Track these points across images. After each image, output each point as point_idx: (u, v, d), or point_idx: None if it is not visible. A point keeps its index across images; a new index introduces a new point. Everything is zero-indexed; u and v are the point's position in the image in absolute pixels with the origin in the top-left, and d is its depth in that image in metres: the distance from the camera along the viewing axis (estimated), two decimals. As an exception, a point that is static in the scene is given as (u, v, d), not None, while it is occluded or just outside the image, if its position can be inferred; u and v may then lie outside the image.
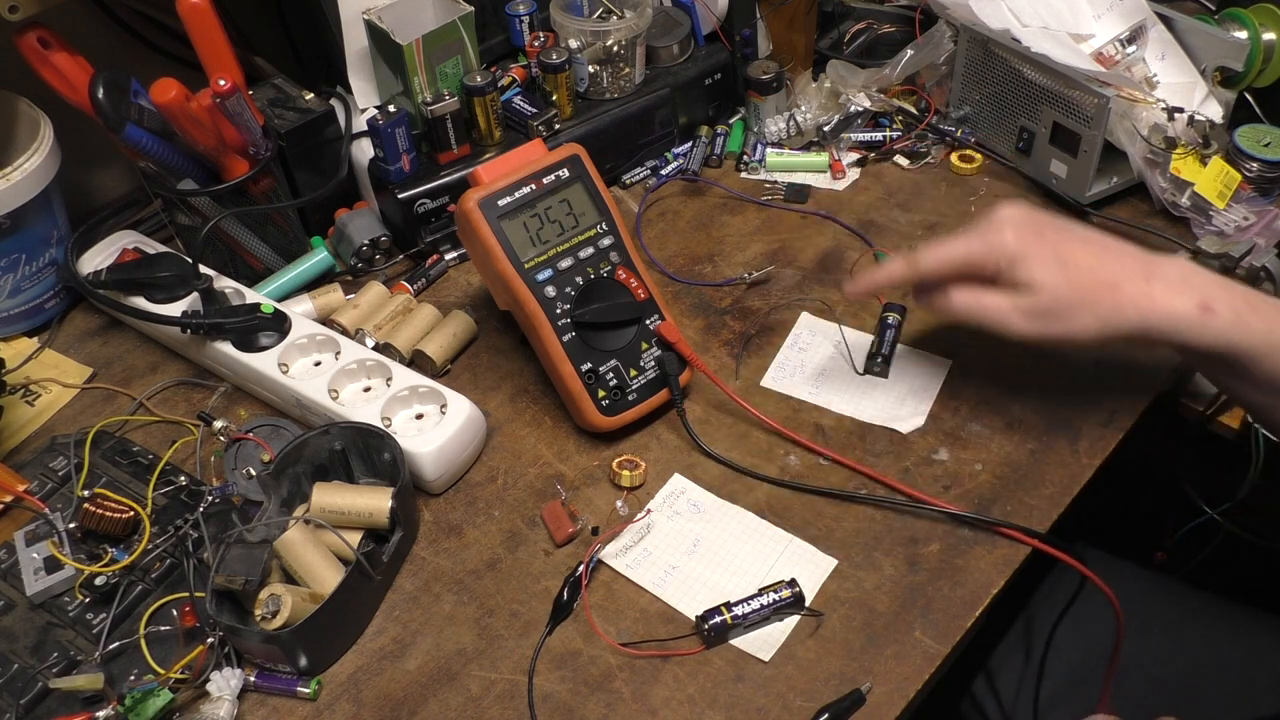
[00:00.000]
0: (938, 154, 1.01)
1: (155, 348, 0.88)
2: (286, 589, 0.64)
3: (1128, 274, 0.66)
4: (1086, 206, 0.93)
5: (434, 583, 0.70)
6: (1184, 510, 0.91)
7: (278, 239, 0.92)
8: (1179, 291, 0.65)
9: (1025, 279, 0.67)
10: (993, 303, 0.69)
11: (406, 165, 0.89)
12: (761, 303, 0.88)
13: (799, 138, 1.03)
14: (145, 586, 0.69)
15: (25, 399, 0.85)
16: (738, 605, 0.65)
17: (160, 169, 0.86)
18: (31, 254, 0.87)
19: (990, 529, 0.70)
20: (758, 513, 0.73)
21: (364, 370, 0.79)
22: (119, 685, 0.64)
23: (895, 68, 1.01)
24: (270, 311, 0.81)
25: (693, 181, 1.01)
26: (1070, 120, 0.90)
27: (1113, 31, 0.96)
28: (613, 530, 0.71)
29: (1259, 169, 0.90)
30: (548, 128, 0.93)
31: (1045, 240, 0.67)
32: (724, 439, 0.78)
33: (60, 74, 0.82)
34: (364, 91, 0.94)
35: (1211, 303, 0.65)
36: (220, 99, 0.79)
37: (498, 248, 0.75)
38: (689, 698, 0.63)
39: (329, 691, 0.65)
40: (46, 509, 0.72)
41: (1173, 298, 0.65)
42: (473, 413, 0.76)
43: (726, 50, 1.03)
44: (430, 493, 0.75)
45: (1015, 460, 0.74)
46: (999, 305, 0.69)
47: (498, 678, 0.65)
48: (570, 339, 0.76)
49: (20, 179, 0.82)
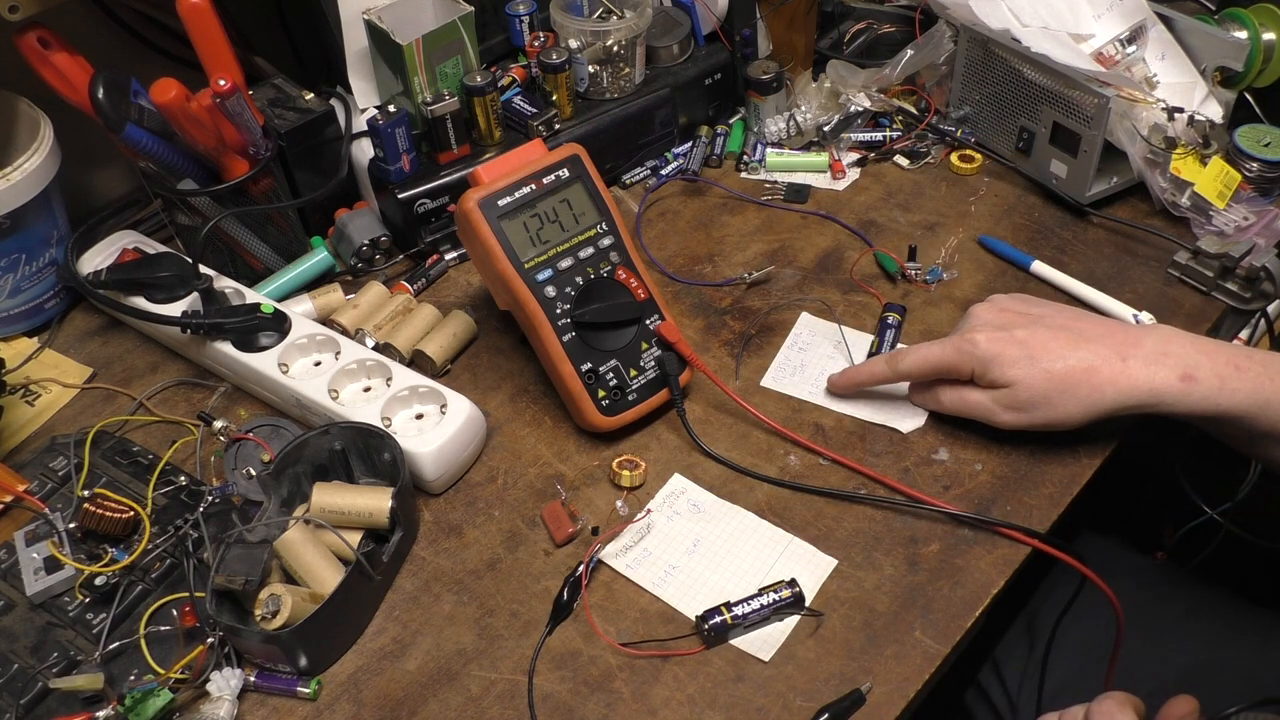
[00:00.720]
0: (938, 154, 1.01)
1: (155, 348, 0.88)
2: (286, 589, 0.64)
3: (1102, 356, 0.69)
4: (1086, 206, 0.93)
5: (434, 583, 0.70)
6: (1184, 510, 0.91)
7: (278, 239, 0.92)
8: (1158, 364, 0.68)
9: (1001, 380, 0.70)
10: (976, 399, 0.73)
11: (406, 165, 0.89)
12: (761, 303, 0.88)
13: (799, 138, 1.03)
14: (145, 586, 0.69)
15: (25, 399, 0.85)
16: (738, 605, 0.65)
17: (160, 169, 0.86)
18: (31, 254, 0.87)
19: (990, 529, 0.70)
20: (758, 513, 0.73)
21: (364, 370, 0.79)
22: (119, 685, 0.64)
23: (895, 68, 1.01)
24: (270, 311, 0.81)
25: (693, 181, 1.01)
26: (1070, 120, 0.90)
27: (1113, 31, 0.96)
28: (613, 530, 0.71)
29: (1259, 169, 0.90)
30: (548, 128, 0.93)
31: (1015, 339, 0.70)
32: (724, 439, 0.78)
33: (60, 74, 0.81)
34: (364, 91, 0.94)
35: (1193, 371, 0.67)
36: (220, 99, 0.79)
37: (498, 248, 0.75)
38: (689, 698, 0.63)
39: (329, 691, 0.65)
40: (46, 509, 0.72)
41: (1152, 371, 0.68)
42: (473, 413, 0.76)
43: (726, 50, 1.03)
44: (430, 493, 0.75)
45: (1015, 460, 0.74)
46: (982, 402, 0.73)
47: (498, 678, 0.65)
48: (570, 339, 0.76)
49: (20, 179, 0.82)
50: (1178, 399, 0.67)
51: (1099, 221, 0.94)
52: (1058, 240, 0.92)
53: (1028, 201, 0.96)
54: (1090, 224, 0.94)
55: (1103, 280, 0.87)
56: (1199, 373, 0.67)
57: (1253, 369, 0.67)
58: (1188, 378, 0.67)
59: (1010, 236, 0.92)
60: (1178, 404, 0.68)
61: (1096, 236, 0.92)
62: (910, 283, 0.89)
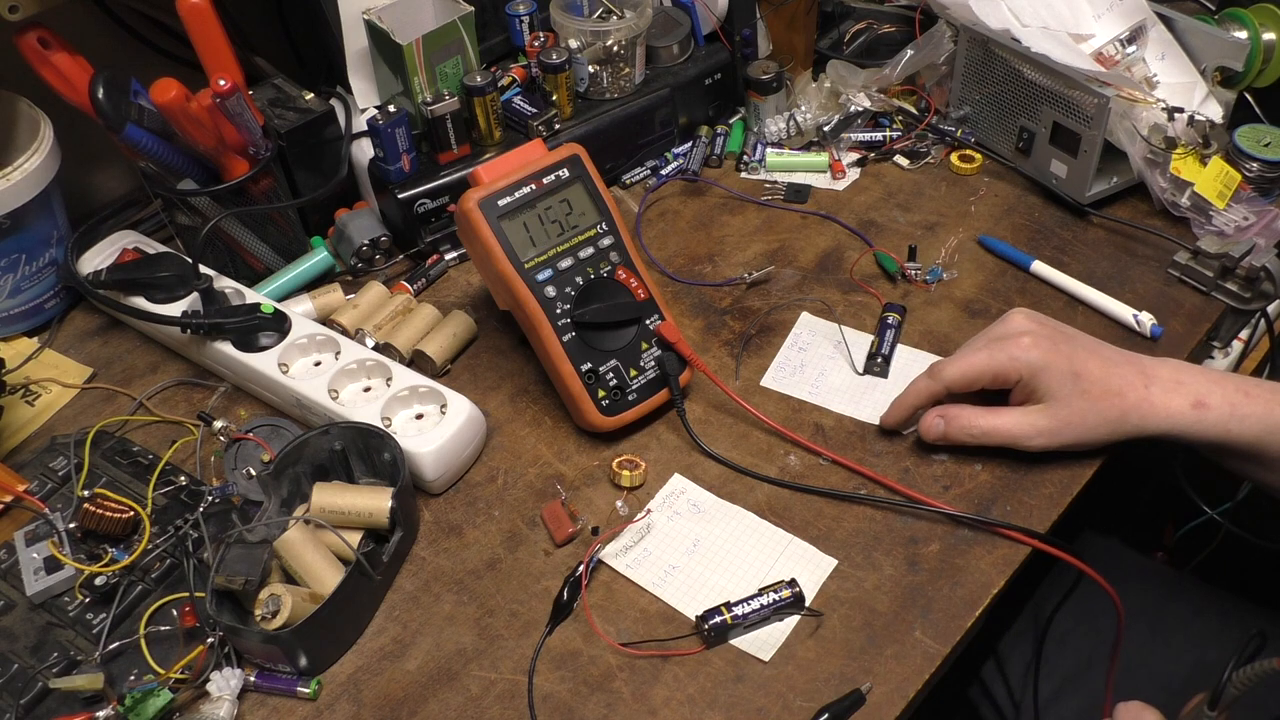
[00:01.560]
0: (938, 154, 1.01)
1: (155, 348, 0.88)
2: (286, 589, 0.64)
3: (1129, 382, 0.70)
4: (1086, 206, 0.93)
5: (434, 583, 0.70)
6: (1184, 510, 0.91)
7: (278, 239, 0.92)
8: (1173, 392, 0.69)
9: (1044, 391, 0.70)
10: (1007, 428, 0.72)
11: (406, 165, 0.89)
12: (761, 303, 0.88)
13: (799, 138, 1.03)
14: (145, 586, 0.69)
15: (25, 399, 0.85)
16: (738, 605, 0.65)
17: (160, 169, 0.86)
18: (31, 254, 0.87)
19: (990, 529, 0.70)
20: (758, 513, 0.73)
21: (364, 370, 0.79)
22: (119, 685, 0.64)
23: (895, 68, 1.01)
24: (270, 311, 0.81)
25: (693, 181, 1.01)
26: (1070, 120, 0.90)
27: (1113, 31, 0.96)
28: (613, 530, 0.71)
29: (1259, 169, 0.90)
30: (548, 128, 0.93)
31: (1060, 351, 0.71)
32: (724, 439, 0.78)
33: (60, 74, 0.81)
34: (364, 91, 0.94)
35: (1204, 398, 0.69)
36: (220, 99, 0.79)
37: (498, 248, 0.75)
38: (689, 698, 0.63)
39: (329, 691, 0.65)
40: (46, 509, 0.72)
41: (1169, 399, 0.69)
42: (473, 413, 0.76)
43: (726, 50, 1.03)
44: (430, 493, 0.75)
45: (1015, 460, 0.74)
46: (1013, 430, 0.72)
47: (498, 678, 0.65)
48: (570, 339, 0.76)
49: (20, 179, 0.82)
50: (1190, 426, 0.69)
51: (1099, 221, 0.93)
52: (1058, 240, 0.92)
53: (1028, 201, 0.96)
54: (1090, 224, 0.94)
55: (1103, 280, 0.87)
56: (1210, 399, 0.68)
57: (1263, 395, 0.69)
58: (1200, 405, 0.69)
59: (1010, 236, 0.92)
60: (1189, 431, 0.69)
61: (1096, 236, 0.92)
62: (910, 283, 0.89)
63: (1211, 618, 0.87)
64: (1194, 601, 0.89)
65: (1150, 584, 0.91)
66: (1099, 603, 0.67)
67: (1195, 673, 0.83)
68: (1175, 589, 0.91)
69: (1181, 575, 0.94)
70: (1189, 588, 0.91)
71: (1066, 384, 0.70)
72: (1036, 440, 0.71)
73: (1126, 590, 0.69)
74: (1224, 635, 0.86)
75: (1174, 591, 0.91)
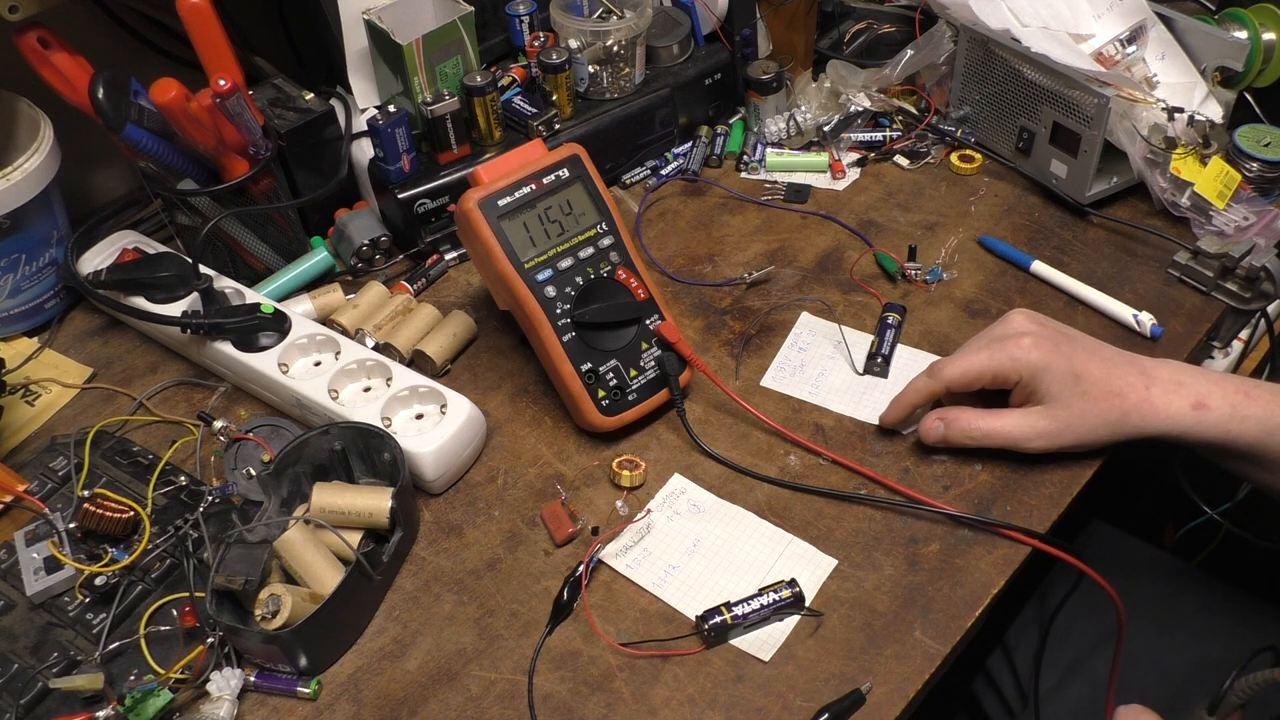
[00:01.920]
0: (938, 154, 1.01)
1: (155, 348, 0.88)
2: (286, 589, 0.64)
3: (1130, 383, 0.70)
4: (1086, 206, 0.93)
5: (434, 583, 0.70)
6: (1184, 510, 0.91)
7: (278, 239, 0.92)
8: (1174, 393, 0.69)
9: (1044, 392, 0.70)
10: (1008, 430, 0.72)
11: (406, 165, 0.89)
12: (761, 303, 0.88)
13: (799, 138, 1.03)
14: (145, 586, 0.69)
15: (25, 399, 0.85)
16: (738, 605, 0.65)
17: (160, 169, 0.86)
18: (31, 254, 0.87)
19: (990, 529, 0.70)
20: (758, 513, 0.73)
21: (364, 370, 0.79)
22: (119, 685, 0.64)
23: (895, 68, 1.01)
24: (270, 311, 0.81)
25: (693, 181, 1.01)
26: (1070, 120, 0.90)
27: (1113, 31, 0.96)
28: (613, 530, 0.71)
29: (1259, 169, 0.90)
30: (548, 128, 0.93)
31: (1061, 352, 0.71)
32: (724, 439, 0.78)
33: (60, 74, 0.81)
34: (364, 91, 0.94)
35: (1205, 399, 0.69)
36: (220, 99, 0.79)
37: (498, 248, 0.75)
38: (689, 698, 0.63)
39: (329, 691, 0.65)
40: (46, 509, 0.72)
41: (1169, 400, 0.69)
42: (473, 413, 0.76)
43: (726, 50, 1.03)
44: (430, 493, 0.75)
45: (1015, 460, 0.74)
46: (1012, 432, 0.72)
47: (498, 678, 0.65)
48: (570, 339, 0.76)
49: (20, 179, 0.82)
50: (1190, 427, 0.69)
51: (1099, 221, 0.93)
52: (1058, 240, 0.92)
53: (1028, 201, 0.96)
54: (1090, 224, 0.94)
55: (1103, 280, 0.87)
56: (1211, 400, 0.69)
57: (1263, 396, 0.69)
58: (1200, 405, 0.69)
59: (1010, 236, 0.92)
60: (1190, 432, 0.69)
61: (1096, 236, 0.92)
62: (910, 283, 0.89)
63: (1217, 613, 0.88)
64: (1200, 595, 0.89)
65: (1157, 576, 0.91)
66: (1103, 596, 0.67)
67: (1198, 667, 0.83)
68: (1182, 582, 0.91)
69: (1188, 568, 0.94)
70: (1196, 581, 0.91)
71: (1067, 385, 0.70)
72: (1036, 442, 0.71)
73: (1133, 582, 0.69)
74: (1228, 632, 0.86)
75: (1181, 585, 0.91)
